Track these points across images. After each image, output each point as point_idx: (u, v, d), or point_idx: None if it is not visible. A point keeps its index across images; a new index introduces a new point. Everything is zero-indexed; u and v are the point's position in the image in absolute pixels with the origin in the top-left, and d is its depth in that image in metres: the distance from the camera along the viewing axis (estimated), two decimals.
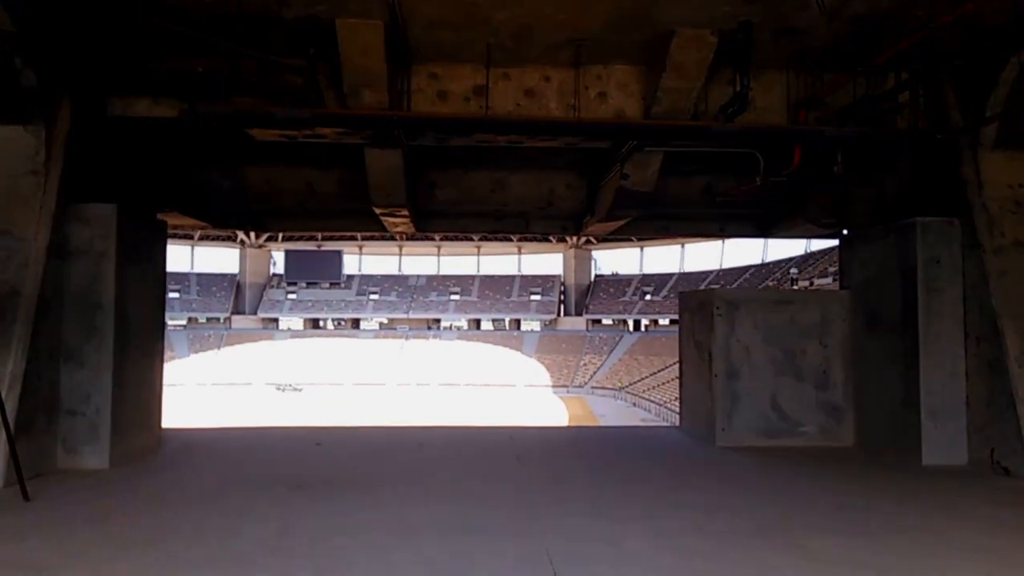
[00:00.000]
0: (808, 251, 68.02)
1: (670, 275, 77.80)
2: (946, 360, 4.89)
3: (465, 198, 7.53)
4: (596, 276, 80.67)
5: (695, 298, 6.49)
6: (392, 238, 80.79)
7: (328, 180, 7.08)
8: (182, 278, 76.45)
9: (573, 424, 42.06)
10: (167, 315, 61.59)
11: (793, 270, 59.38)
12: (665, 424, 42.05)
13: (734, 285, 69.18)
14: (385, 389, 65.10)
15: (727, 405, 5.77)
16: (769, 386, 5.86)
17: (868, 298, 5.58)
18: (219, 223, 7.32)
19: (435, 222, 8.05)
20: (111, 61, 5.16)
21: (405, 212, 6.74)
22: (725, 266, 76.07)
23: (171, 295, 73.44)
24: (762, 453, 5.47)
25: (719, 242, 76.06)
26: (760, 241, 74.33)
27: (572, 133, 5.44)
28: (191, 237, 77.19)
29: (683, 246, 78.27)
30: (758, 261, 73.55)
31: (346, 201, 7.13)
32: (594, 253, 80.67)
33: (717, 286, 71.34)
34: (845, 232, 6.48)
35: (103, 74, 5.21)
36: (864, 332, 5.62)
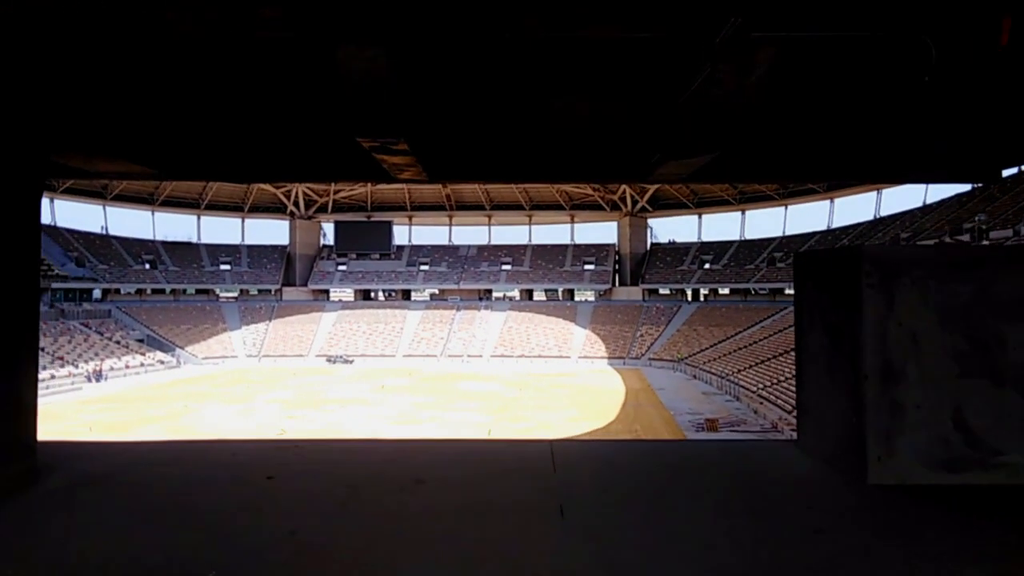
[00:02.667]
0: (877, 216, 63.74)
1: (730, 243, 74.68)
2: None
3: (492, 134, 5.57)
4: (652, 244, 78.20)
5: (825, 259, 4.44)
6: (441, 207, 79.60)
7: (307, 113, 5.23)
8: (233, 250, 77.07)
9: (637, 419, 40.07)
10: (219, 288, 62.59)
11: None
12: (755, 421, 39.00)
13: None
14: (436, 361, 64.35)
15: (885, 422, 3.76)
16: (950, 394, 3.82)
17: None
18: (168, 172, 5.57)
19: (454, 166, 6.15)
20: None
21: (403, 146, 4.81)
22: (788, 233, 72.43)
23: (223, 267, 74.19)
24: (947, 499, 3.46)
25: (780, 208, 72.27)
26: (824, 206, 70.27)
27: None
28: (242, 209, 77.56)
29: (743, 212, 74.83)
30: (823, 227, 69.64)
31: (332, 137, 5.28)
32: (650, 221, 78.06)
33: (780, 253, 67.69)
34: None
35: None
36: None
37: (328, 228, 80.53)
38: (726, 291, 70.71)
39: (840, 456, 3.99)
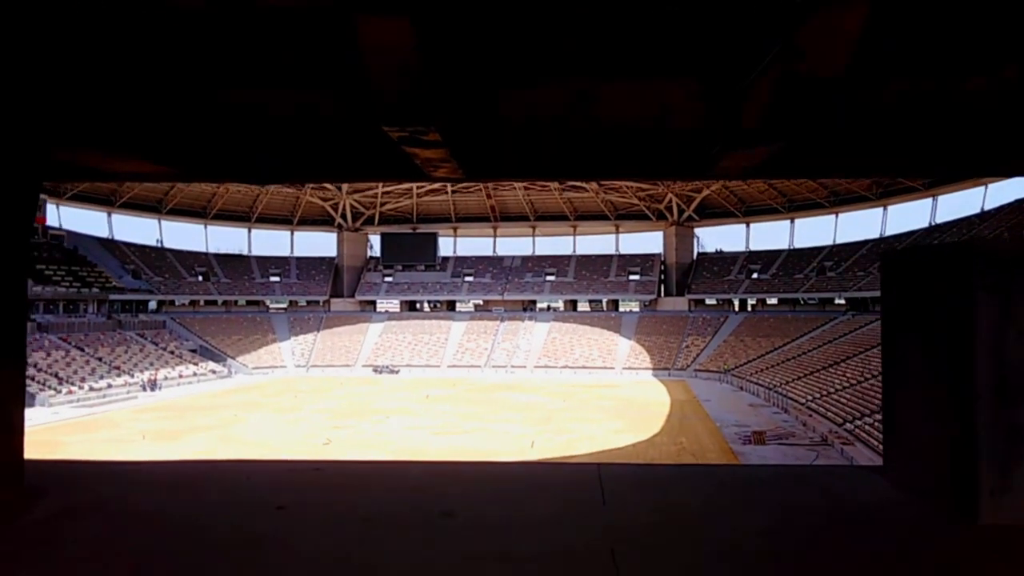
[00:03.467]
0: (933, 223, 60.91)
1: (779, 252, 72.81)
2: None
3: (535, 124, 5.08)
4: (699, 254, 76.74)
5: (923, 259, 3.83)
6: (485, 218, 79.52)
7: (326, 101, 4.83)
8: (282, 262, 78.52)
9: (682, 431, 39.08)
10: (269, 299, 63.26)
11: None
12: (804, 433, 37.36)
13: (849, 263, 62.74)
14: (480, 371, 64.12)
15: (1001, 450, 3.13)
16: None
17: None
18: (191, 172, 5.24)
19: (493, 162, 5.69)
20: None
21: (435, 136, 4.35)
22: (839, 241, 70.19)
23: (272, 279, 75.47)
24: None
25: (830, 216, 69.98)
26: (876, 213, 67.77)
27: None
28: (291, 222, 78.88)
29: (792, 221, 72.85)
30: (875, 235, 67.22)
31: (356, 129, 4.87)
32: (696, 230, 76.69)
33: (830, 262, 65.34)
34: None
35: None
36: None
37: (375, 240, 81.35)
38: (774, 301, 68.85)
39: (941, 489, 3.37)
